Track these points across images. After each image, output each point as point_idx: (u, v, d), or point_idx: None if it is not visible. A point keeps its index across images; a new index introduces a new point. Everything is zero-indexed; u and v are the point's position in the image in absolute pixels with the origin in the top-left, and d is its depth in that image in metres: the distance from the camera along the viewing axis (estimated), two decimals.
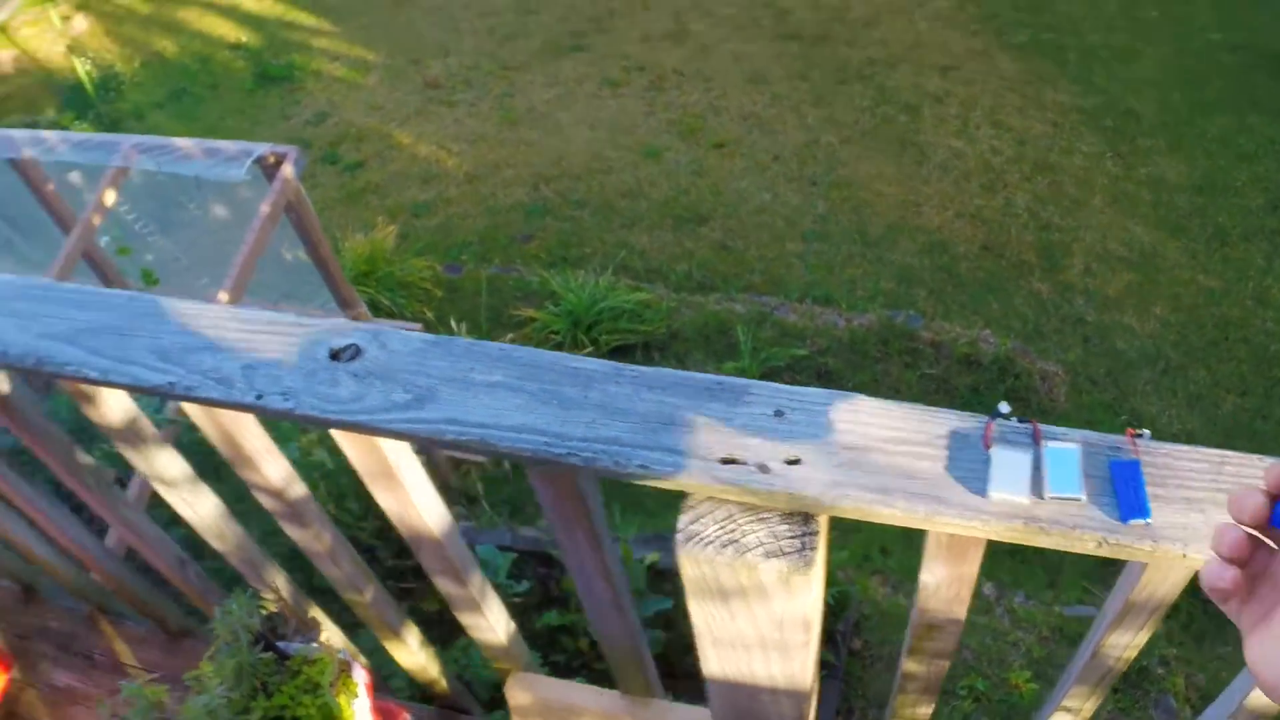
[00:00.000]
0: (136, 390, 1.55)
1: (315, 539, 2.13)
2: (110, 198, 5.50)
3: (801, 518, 1.30)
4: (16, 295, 1.70)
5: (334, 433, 1.61)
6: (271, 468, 1.92)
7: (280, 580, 2.56)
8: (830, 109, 9.01)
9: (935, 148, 8.53)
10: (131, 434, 2.01)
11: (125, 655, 3.24)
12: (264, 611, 2.45)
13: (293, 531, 2.12)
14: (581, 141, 9.00)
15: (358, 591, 2.34)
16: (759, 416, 1.33)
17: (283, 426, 5.41)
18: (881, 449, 1.28)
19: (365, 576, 2.34)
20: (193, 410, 1.74)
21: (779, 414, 1.33)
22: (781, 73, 9.44)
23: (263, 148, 5.04)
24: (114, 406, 1.93)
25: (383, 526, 5.45)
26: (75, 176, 7.69)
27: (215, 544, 2.37)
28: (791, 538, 1.29)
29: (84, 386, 1.85)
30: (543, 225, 8.26)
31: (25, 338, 1.63)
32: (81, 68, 10.92)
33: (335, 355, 1.47)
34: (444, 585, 2.10)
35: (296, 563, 2.68)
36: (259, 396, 1.46)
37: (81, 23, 12.22)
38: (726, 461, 1.29)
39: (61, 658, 3.26)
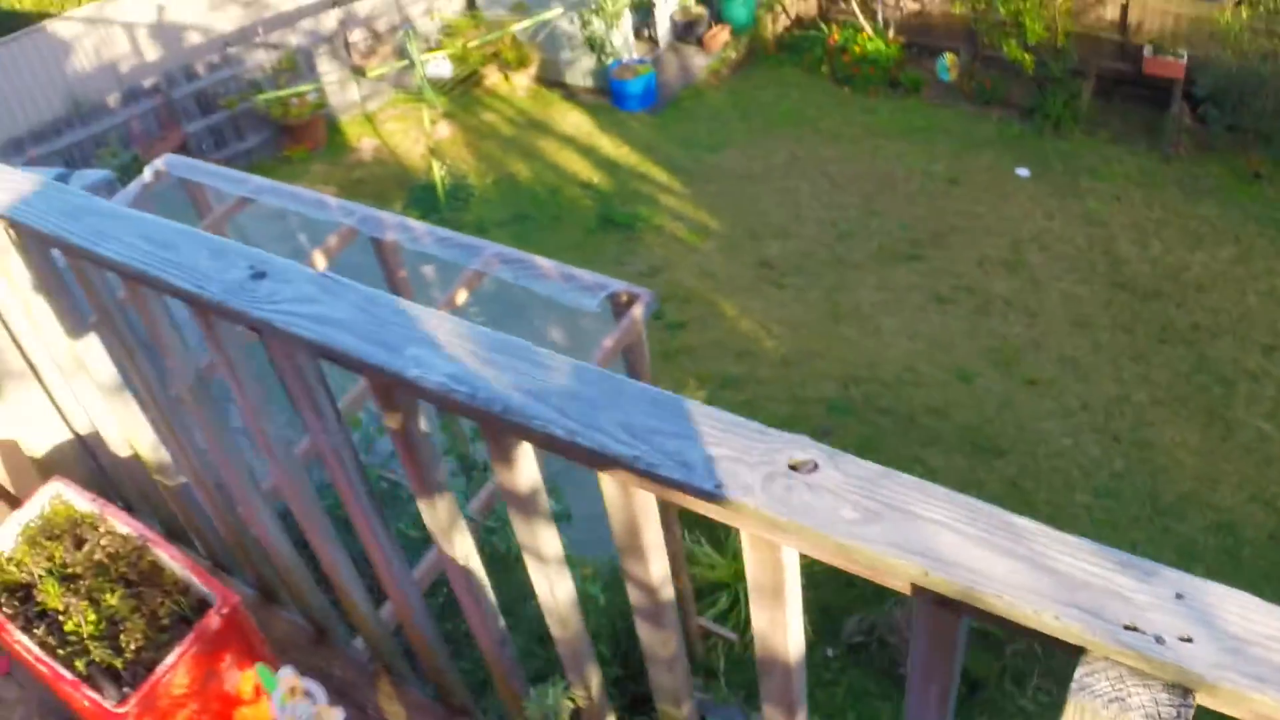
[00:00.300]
0: (599, 457, 1.68)
1: (663, 644, 2.22)
2: (462, 297, 5.81)
3: (1181, 690, 1.38)
4: (496, 348, 1.86)
5: (744, 537, 1.71)
6: (656, 564, 2.02)
7: (595, 679, 2.65)
8: (1147, 367, 8.93)
9: (1243, 426, 8.37)
10: (531, 504, 2.14)
11: (399, 716, 3.36)
12: (571, 704, 2.56)
13: (645, 631, 2.22)
14: (899, 350, 9.10)
15: (676, 704, 2.42)
16: (1161, 596, 1.41)
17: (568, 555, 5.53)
18: (1262, 643, 1.35)
19: (688, 691, 2.41)
20: (610, 492, 1.86)
21: (1179, 596, 1.41)
22: (1106, 321, 9.40)
23: (619, 284, 5.25)
24: (527, 475, 2.07)
25: (622, 677, 5.52)
26: (429, 270, 8.11)
27: (556, 629, 2.48)
28: (1170, 706, 1.37)
29: (507, 448, 2.00)
30: (843, 424, 8.36)
31: (498, 386, 1.78)
32: (438, 171, 11.50)
33: (794, 466, 1.58)
34: (773, 715, 2.15)
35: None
36: (718, 486, 1.57)
37: (445, 129, 12.91)
38: (1128, 628, 1.38)
39: (336, 702, 3.39)
